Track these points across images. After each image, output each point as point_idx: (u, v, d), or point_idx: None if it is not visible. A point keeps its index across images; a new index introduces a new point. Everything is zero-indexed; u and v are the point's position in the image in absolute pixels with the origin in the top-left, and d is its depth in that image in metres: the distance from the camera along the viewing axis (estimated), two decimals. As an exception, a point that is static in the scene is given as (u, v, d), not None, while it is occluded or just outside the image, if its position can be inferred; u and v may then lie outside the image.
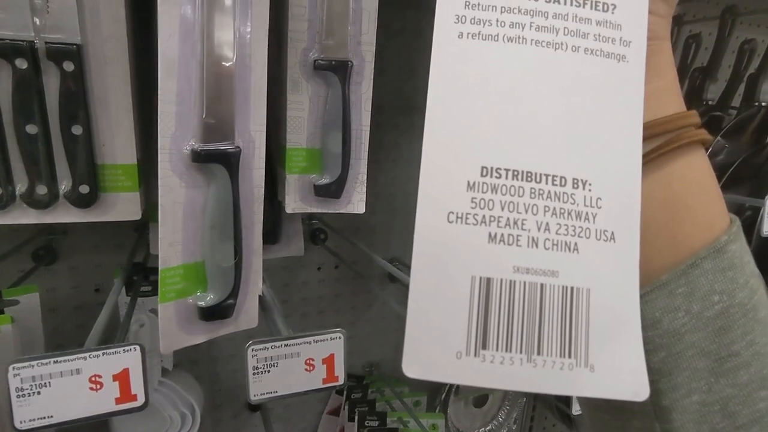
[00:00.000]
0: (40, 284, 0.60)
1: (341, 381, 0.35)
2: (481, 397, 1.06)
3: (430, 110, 0.17)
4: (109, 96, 0.39)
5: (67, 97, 0.37)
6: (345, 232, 0.78)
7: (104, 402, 0.29)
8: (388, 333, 0.95)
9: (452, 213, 0.16)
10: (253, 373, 0.32)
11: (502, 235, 0.16)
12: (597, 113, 0.16)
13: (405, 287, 0.68)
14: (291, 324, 0.43)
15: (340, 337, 0.34)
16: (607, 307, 0.16)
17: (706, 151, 0.21)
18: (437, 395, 1.01)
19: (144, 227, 0.69)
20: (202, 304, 0.33)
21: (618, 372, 0.16)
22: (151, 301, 0.63)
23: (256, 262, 0.36)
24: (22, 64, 0.35)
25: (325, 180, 0.44)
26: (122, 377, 0.29)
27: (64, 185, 0.39)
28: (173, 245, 0.32)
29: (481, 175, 0.16)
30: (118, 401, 0.29)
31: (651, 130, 0.19)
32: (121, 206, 0.42)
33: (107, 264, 0.72)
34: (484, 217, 0.16)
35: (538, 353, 0.16)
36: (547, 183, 0.16)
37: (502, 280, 0.16)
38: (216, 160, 0.32)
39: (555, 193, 0.16)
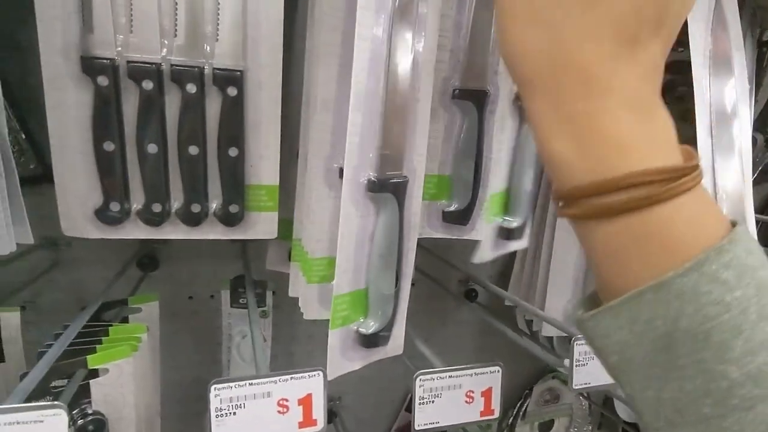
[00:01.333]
0: (140, 291, 0.62)
1: (497, 414, 0.35)
2: (546, 423, 1.04)
3: None
4: (261, 119, 0.40)
5: (228, 121, 0.39)
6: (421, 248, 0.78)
7: (288, 426, 0.29)
8: (462, 351, 0.94)
9: None
10: (419, 403, 0.32)
11: None
12: None
13: (482, 306, 0.68)
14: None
15: (498, 371, 0.34)
16: None
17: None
18: (504, 419, 0.99)
19: (241, 240, 0.71)
20: (363, 331, 0.33)
21: None
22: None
23: (406, 288, 0.37)
24: (192, 89, 0.37)
25: (454, 206, 0.44)
26: (306, 402, 0.30)
27: (215, 204, 0.41)
28: (346, 272, 0.33)
29: None
30: (300, 425, 0.30)
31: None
32: (261, 225, 0.43)
33: (202, 274, 0.74)
34: None
35: None
36: None
37: None
38: (389, 189, 0.33)
39: None
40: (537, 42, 0.22)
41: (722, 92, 0.56)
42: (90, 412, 0.39)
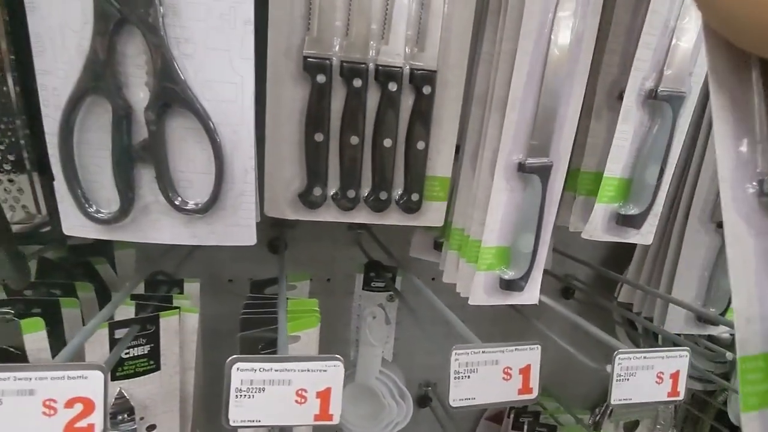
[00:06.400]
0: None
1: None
2: (632, 422, 1.04)
3: None
4: (443, 116, 0.44)
5: (420, 117, 0.42)
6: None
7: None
8: (554, 350, 0.95)
9: None
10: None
11: None
12: None
13: (582, 303, 0.69)
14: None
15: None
16: None
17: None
18: (591, 415, 1.00)
19: (362, 226, 0.75)
20: (504, 276, 0.42)
21: None
22: (380, 296, 0.68)
23: (543, 253, 0.44)
24: (393, 87, 0.41)
25: (631, 210, 0.46)
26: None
27: (397, 193, 0.45)
28: (493, 231, 0.42)
29: None
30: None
31: None
32: (432, 214, 0.46)
33: (321, 256, 0.78)
34: None
35: None
36: None
37: None
38: (535, 171, 0.40)
39: None
40: None
41: None
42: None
